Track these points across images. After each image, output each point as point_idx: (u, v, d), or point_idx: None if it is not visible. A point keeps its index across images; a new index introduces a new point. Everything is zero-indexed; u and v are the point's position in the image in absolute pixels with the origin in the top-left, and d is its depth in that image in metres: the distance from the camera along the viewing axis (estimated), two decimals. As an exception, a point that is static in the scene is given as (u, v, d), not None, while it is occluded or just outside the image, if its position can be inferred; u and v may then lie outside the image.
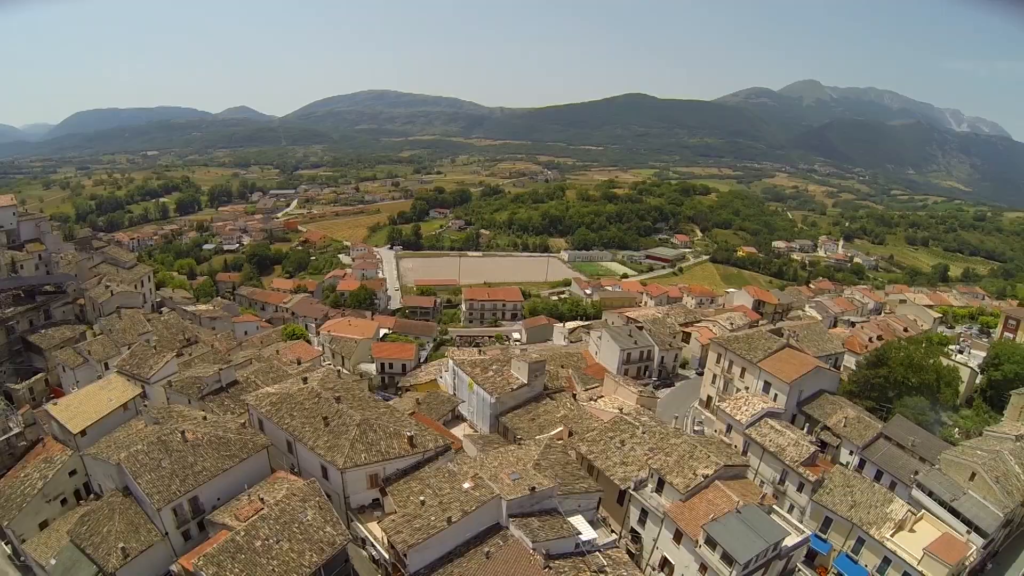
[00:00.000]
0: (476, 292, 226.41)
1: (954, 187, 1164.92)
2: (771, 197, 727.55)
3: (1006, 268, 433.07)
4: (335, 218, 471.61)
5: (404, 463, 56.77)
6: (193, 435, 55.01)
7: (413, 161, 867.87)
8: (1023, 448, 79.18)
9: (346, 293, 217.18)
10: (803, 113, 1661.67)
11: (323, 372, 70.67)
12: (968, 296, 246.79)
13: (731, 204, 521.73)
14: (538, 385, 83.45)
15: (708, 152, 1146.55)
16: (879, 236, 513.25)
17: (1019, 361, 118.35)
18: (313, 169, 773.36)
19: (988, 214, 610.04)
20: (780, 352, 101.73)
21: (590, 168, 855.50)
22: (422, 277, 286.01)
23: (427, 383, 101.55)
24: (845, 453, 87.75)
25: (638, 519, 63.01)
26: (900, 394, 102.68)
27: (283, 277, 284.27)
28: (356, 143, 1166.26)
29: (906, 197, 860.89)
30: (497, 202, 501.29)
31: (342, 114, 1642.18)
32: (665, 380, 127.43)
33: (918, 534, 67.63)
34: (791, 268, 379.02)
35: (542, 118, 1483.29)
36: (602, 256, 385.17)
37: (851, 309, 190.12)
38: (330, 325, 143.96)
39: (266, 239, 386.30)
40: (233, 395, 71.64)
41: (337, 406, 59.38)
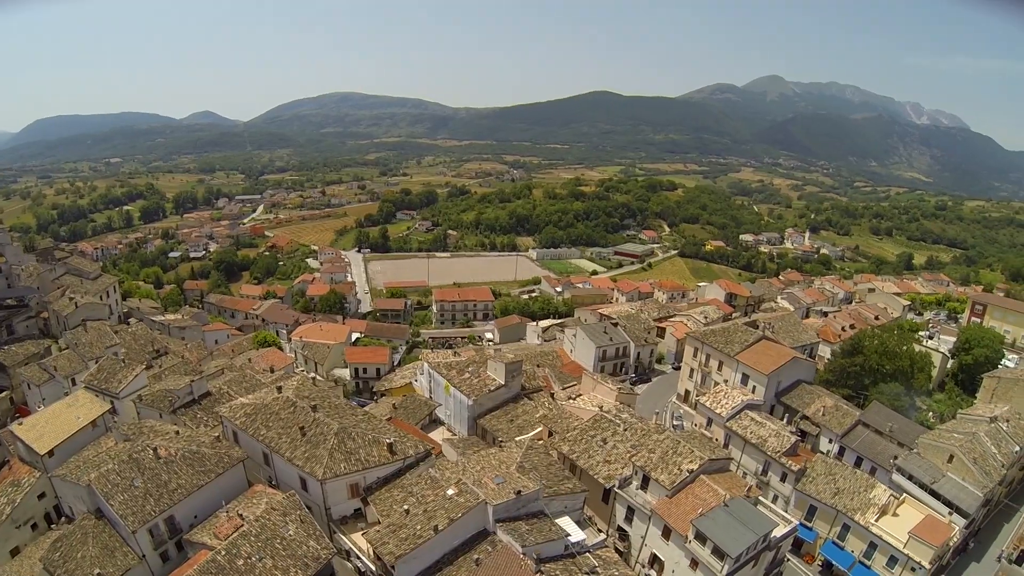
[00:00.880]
0: (446, 293, 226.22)
1: (915, 178, 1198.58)
2: (737, 191, 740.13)
3: (968, 255, 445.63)
4: (302, 222, 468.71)
5: (385, 471, 55.66)
6: (166, 451, 53.28)
7: (379, 163, 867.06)
8: (998, 429, 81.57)
9: (316, 298, 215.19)
10: (767, 108, 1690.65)
11: (297, 380, 69.23)
12: (934, 283, 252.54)
13: (698, 199, 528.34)
14: (515, 386, 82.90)
15: (674, 148, 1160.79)
16: (844, 227, 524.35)
17: (988, 345, 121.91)
18: (279, 174, 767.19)
19: (949, 203, 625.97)
20: (757, 344, 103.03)
21: (556, 166, 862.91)
22: (391, 279, 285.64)
23: (402, 387, 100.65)
24: (824, 441, 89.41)
25: (624, 517, 62.87)
26: (875, 381, 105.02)
27: (252, 283, 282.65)
28: (322, 146, 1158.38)
29: (869, 188, 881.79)
30: (464, 202, 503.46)
31: (308, 117, 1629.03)
32: (642, 376, 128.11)
33: (901, 518, 69.11)
34: (759, 261, 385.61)
35: (508, 117, 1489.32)
36: (571, 254, 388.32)
37: (822, 299, 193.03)
38: (302, 331, 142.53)
39: (233, 245, 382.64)
40: (206, 407, 69.67)
41: (314, 415, 58.00)
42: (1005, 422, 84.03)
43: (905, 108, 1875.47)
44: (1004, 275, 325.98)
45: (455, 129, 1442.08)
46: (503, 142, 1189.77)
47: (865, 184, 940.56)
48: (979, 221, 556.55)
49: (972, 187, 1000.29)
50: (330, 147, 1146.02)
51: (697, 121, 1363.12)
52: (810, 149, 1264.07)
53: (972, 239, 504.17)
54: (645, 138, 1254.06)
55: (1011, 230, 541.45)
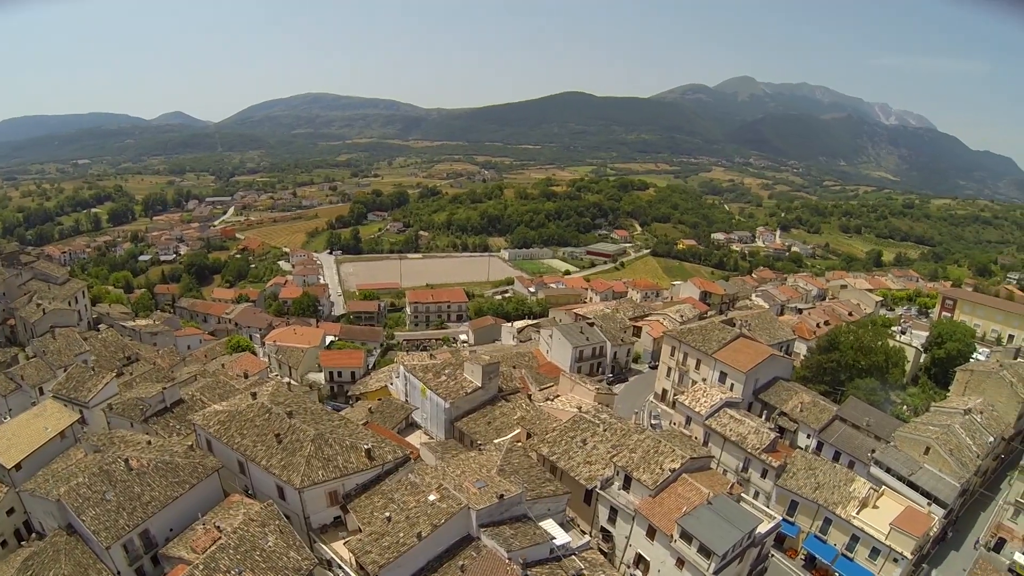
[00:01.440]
0: (420, 295, 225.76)
1: (883, 177, 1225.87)
2: (708, 191, 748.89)
3: (935, 252, 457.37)
4: (273, 224, 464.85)
5: (364, 477, 54.82)
6: (138, 462, 51.85)
7: (351, 165, 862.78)
8: (972, 421, 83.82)
9: (289, 301, 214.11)
10: (738, 108, 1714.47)
11: (272, 386, 67.92)
12: (904, 279, 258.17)
13: (669, 198, 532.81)
14: (492, 388, 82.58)
15: (645, 148, 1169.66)
16: (814, 225, 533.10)
17: (961, 339, 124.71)
18: (250, 175, 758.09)
19: (916, 201, 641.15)
20: (734, 342, 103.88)
21: (528, 167, 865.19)
22: (364, 281, 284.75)
23: (378, 390, 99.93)
24: (803, 437, 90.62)
25: (608, 518, 62.95)
26: (851, 377, 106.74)
27: (223, 287, 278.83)
28: (293, 148, 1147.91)
29: (838, 187, 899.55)
30: (435, 203, 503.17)
31: (279, 118, 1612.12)
32: (619, 375, 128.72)
33: (881, 510, 70.43)
34: (732, 259, 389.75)
35: (479, 118, 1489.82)
36: (543, 254, 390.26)
37: (796, 296, 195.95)
38: (275, 335, 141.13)
39: (204, 248, 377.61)
40: (179, 415, 68.11)
41: (289, 421, 56.84)
42: (979, 414, 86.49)
43: (874, 109, 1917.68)
44: (971, 271, 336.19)
45: (427, 130, 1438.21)
46: (475, 143, 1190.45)
47: (834, 183, 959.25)
48: (945, 219, 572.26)
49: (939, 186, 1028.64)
50: (301, 148, 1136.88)
51: (669, 121, 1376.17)
52: (781, 149, 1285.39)
53: (939, 236, 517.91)
54: (617, 138, 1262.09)
55: (976, 227, 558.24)
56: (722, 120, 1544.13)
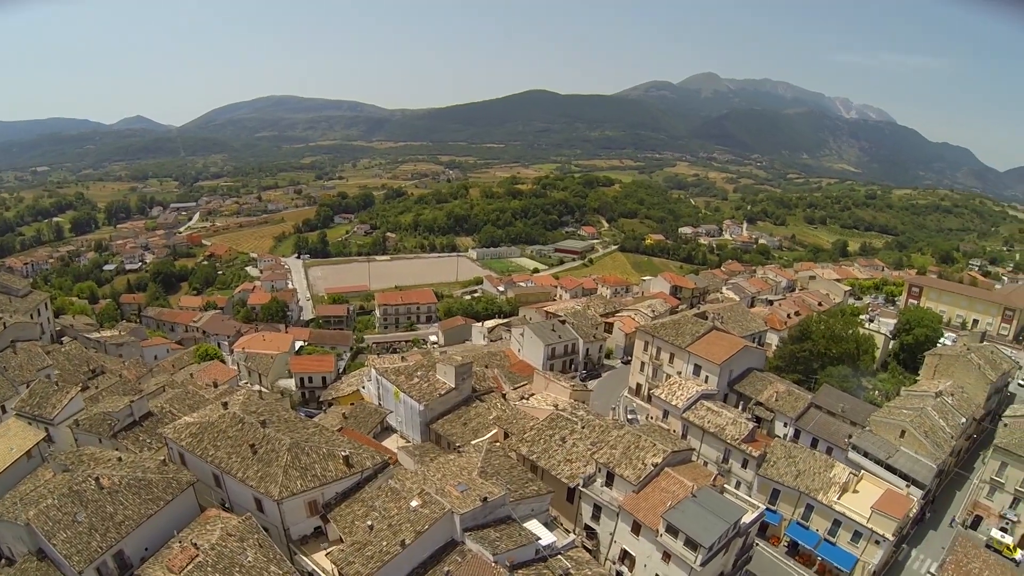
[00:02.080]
0: (389, 297, 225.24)
1: (845, 169, 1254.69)
2: (674, 185, 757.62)
3: (899, 241, 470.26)
4: (239, 229, 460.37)
5: (343, 485, 53.96)
6: (109, 480, 49.95)
7: (315, 167, 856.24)
8: (944, 403, 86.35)
9: (257, 307, 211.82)
10: (702, 104, 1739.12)
11: (244, 394, 66.49)
12: (870, 268, 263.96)
13: (635, 194, 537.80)
14: (466, 388, 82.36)
15: (609, 145, 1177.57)
16: (780, 217, 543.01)
17: (928, 325, 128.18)
18: (214, 180, 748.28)
19: (878, 192, 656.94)
20: (708, 335, 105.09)
21: (492, 166, 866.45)
22: (332, 285, 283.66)
23: (350, 395, 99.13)
24: (780, 426, 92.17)
25: (591, 515, 62.96)
26: (824, 365, 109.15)
27: (190, 294, 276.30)
28: (257, 151, 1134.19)
29: (802, 180, 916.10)
30: (401, 204, 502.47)
31: (242, 121, 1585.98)
32: (592, 372, 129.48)
33: (861, 494, 71.98)
34: (700, 252, 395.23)
35: (443, 118, 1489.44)
36: (511, 252, 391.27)
37: (766, 288, 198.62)
38: (244, 342, 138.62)
39: (170, 255, 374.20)
40: (149, 428, 66.16)
41: (264, 431, 55.68)
42: (950, 396, 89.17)
43: (835, 103, 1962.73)
44: (934, 259, 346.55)
45: (391, 131, 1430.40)
46: (439, 143, 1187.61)
47: (798, 176, 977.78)
48: (907, 208, 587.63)
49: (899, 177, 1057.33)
50: (265, 152, 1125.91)
51: (633, 118, 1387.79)
52: (744, 143, 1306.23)
53: (902, 225, 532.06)
54: (581, 135, 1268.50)
55: (938, 216, 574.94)
56: (686, 116, 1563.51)
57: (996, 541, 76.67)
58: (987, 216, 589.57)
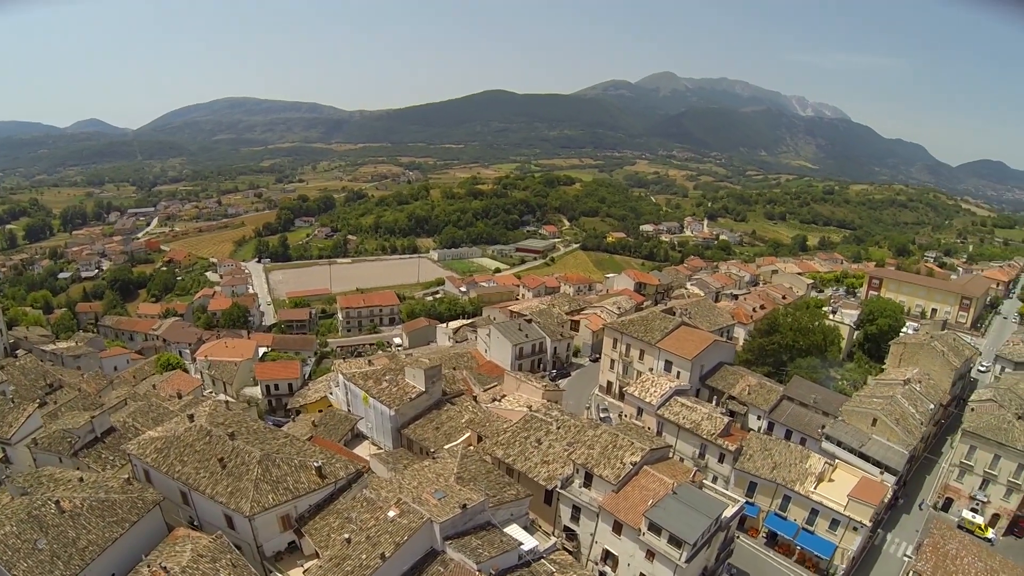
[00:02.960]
0: (351, 300, 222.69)
1: (803, 165, 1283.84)
2: (634, 183, 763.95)
3: (856, 235, 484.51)
4: (199, 234, 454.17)
5: (316, 497, 52.41)
6: (70, 503, 47.22)
7: (275, 170, 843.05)
8: (912, 390, 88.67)
9: (218, 313, 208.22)
10: (660, 103, 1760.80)
11: (210, 405, 64.02)
12: (830, 262, 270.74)
13: (596, 192, 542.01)
14: (436, 391, 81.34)
15: (568, 144, 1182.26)
16: (740, 214, 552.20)
17: (891, 315, 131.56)
18: (172, 184, 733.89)
19: (836, 188, 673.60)
20: (677, 331, 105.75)
21: (452, 166, 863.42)
22: (294, 289, 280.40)
23: (317, 401, 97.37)
24: (753, 419, 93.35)
25: (571, 516, 62.38)
26: (792, 357, 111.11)
27: (149, 302, 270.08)
28: (216, 154, 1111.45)
29: (760, 177, 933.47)
30: (362, 206, 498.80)
31: (200, 124, 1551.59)
32: (561, 371, 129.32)
33: (837, 483, 73.33)
34: (661, 249, 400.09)
35: (402, 119, 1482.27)
36: (472, 253, 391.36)
37: (730, 283, 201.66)
38: (206, 349, 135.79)
39: (128, 262, 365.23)
40: (111, 445, 63.21)
41: (232, 443, 53.74)
42: (918, 383, 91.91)
43: (791, 101, 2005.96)
44: (891, 251, 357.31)
45: (350, 132, 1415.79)
46: (398, 144, 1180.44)
47: (756, 172, 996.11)
48: (864, 203, 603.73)
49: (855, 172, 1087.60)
50: (224, 155, 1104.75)
51: (592, 117, 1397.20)
52: (703, 141, 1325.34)
53: (859, 220, 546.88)
54: (539, 135, 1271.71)
55: (893, 210, 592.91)
56: (644, 115, 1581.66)
57: (968, 522, 79.15)
58: (941, 210, 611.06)
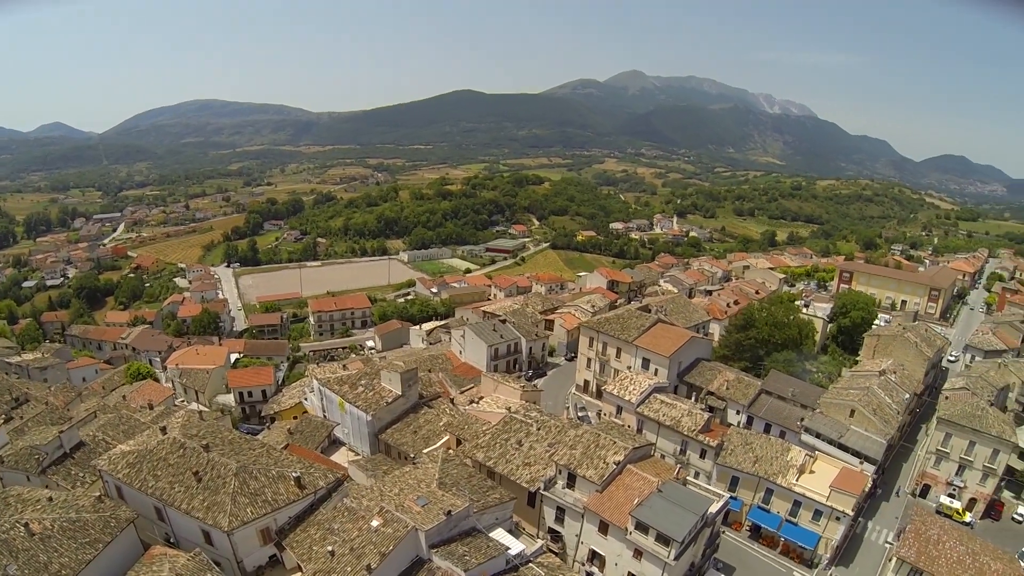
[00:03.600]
0: (323, 303, 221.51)
1: (770, 162, 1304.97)
2: (603, 182, 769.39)
3: (824, 229, 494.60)
4: (167, 239, 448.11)
5: (296, 508, 51.22)
6: (40, 525, 45.05)
7: (243, 173, 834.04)
8: (888, 381, 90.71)
9: (188, 319, 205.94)
10: (628, 101, 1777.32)
11: (182, 416, 62.27)
12: (800, 256, 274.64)
13: (565, 191, 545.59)
14: (413, 395, 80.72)
15: (537, 143, 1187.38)
16: (709, 210, 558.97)
17: (863, 307, 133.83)
18: (139, 189, 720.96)
19: (803, 184, 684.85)
20: (653, 328, 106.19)
21: (420, 167, 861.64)
22: (264, 293, 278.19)
23: (293, 407, 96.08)
24: (732, 414, 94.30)
25: (555, 518, 62.01)
26: (769, 351, 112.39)
27: (117, 309, 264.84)
28: (183, 158, 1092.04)
29: (729, 173, 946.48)
30: (331, 209, 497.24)
31: (166, 127, 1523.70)
32: (538, 371, 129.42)
33: (818, 474, 74.42)
34: (632, 247, 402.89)
35: (370, 120, 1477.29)
36: (442, 253, 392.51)
37: (703, 279, 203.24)
38: (177, 357, 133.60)
39: (94, 269, 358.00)
40: (81, 461, 61.13)
41: (207, 456, 52.25)
42: (893, 374, 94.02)
43: (758, 99, 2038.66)
44: (858, 245, 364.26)
45: (318, 135, 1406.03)
46: (366, 145, 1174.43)
47: (725, 169, 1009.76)
48: (831, 198, 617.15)
49: (822, 168, 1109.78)
50: (191, 158, 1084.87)
51: (560, 116, 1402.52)
52: (671, 139, 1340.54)
53: (826, 215, 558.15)
54: (508, 134, 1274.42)
55: (860, 205, 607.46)
56: (613, 113, 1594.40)
57: (946, 507, 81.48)
58: (906, 204, 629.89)
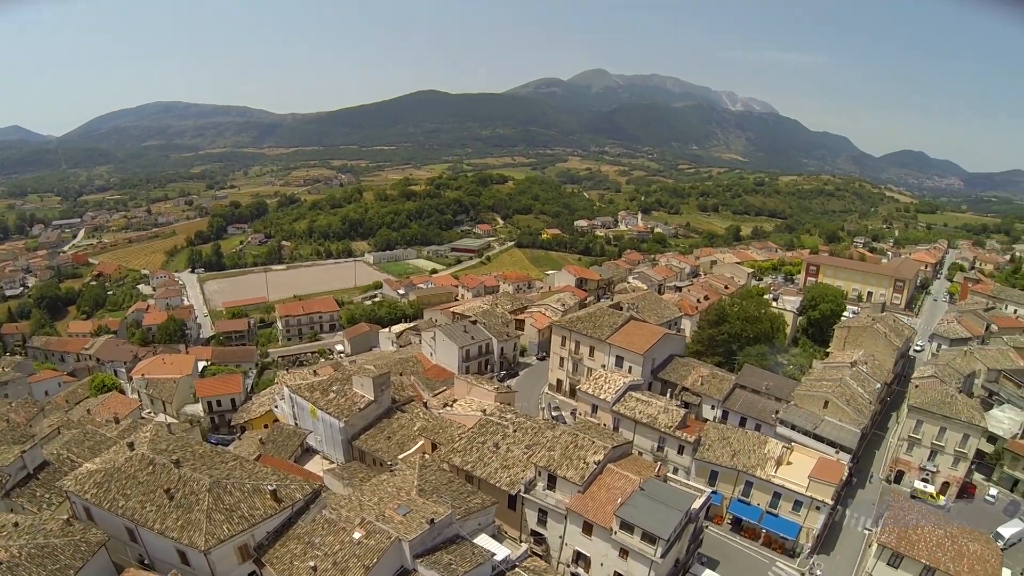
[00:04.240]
0: (290, 307, 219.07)
1: (733, 158, 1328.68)
2: (567, 180, 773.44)
3: (788, 224, 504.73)
4: (129, 245, 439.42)
5: (274, 523, 49.86)
6: (6, 553, 42.62)
7: (206, 176, 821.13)
8: (859, 371, 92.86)
9: (153, 327, 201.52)
10: (592, 100, 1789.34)
11: (151, 430, 59.93)
12: (765, 251, 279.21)
13: (529, 190, 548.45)
14: (386, 400, 79.86)
15: (501, 143, 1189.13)
16: (674, 206, 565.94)
17: (833, 300, 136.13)
18: (100, 193, 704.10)
19: (766, 179, 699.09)
20: (626, 326, 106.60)
21: (384, 168, 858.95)
22: (230, 299, 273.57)
23: (263, 416, 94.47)
24: (707, 409, 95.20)
25: (537, 520, 61.61)
26: (742, 346, 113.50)
27: (80, 319, 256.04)
28: (144, 161, 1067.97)
29: (692, 170, 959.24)
30: (295, 211, 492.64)
31: (127, 130, 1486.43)
32: (510, 371, 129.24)
33: (795, 465, 75.29)
34: (597, 244, 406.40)
35: (333, 122, 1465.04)
36: (407, 254, 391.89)
37: (671, 275, 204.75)
38: (143, 367, 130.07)
39: (54, 277, 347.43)
40: (46, 481, 58.49)
41: (178, 471, 50.45)
42: (864, 364, 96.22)
43: (721, 97, 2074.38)
44: (821, 239, 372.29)
45: (281, 136, 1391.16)
46: (330, 147, 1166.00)
47: (688, 166, 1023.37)
48: (793, 193, 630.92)
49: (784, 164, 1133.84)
50: (153, 161, 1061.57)
51: (524, 115, 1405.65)
52: (635, 137, 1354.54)
53: (789, 209, 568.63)
54: (472, 134, 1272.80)
55: (822, 199, 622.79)
56: (577, 112, 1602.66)
57: (920, 491, 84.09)
58: (866, 198, 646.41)
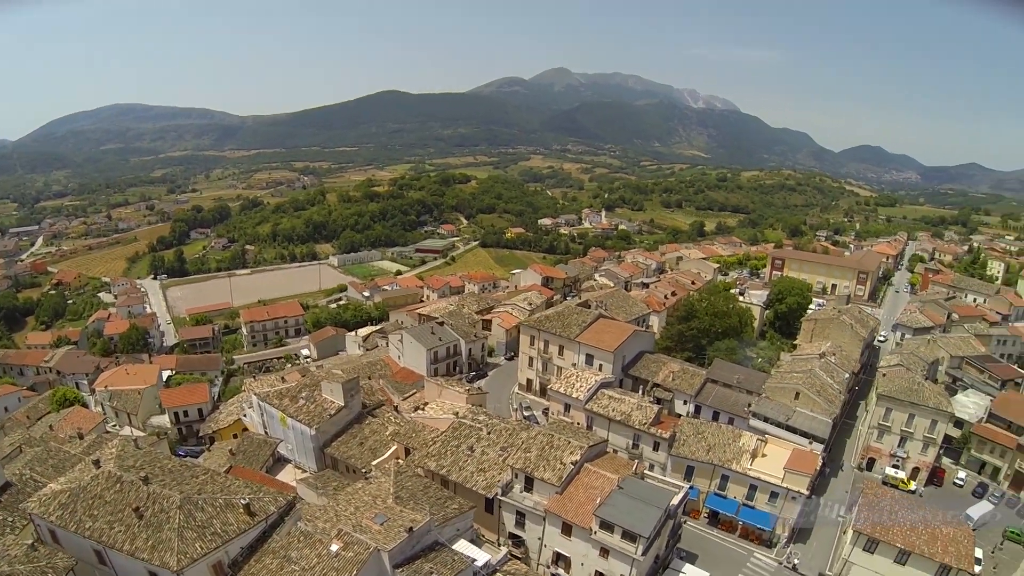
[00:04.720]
0: (254, 312, 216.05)
1: (696, 155, 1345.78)
2: (529, 179, 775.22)
3: (751, 218, 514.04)
4: (89, 252, 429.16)
5: (248, 538, 48.49)
6: None
7: (167, 180, 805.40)
8: (828, 363, 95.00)
9: (115, 337, 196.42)
10: (554, 98, 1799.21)
11: (117, 446, 57.64)
12: (730, 246, 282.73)
13: (492, 189, 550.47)
14: (356, 405, 79.14)
15: (463, 142, 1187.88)
16: (637, 203, 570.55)
17: (798, 293, 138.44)
18: (58, 199, 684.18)
19: (728, 175, 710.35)
20: (595, 324, 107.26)
21: (347, 169, 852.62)
22: (194, 305, 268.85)
23: (232, 425, 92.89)
24: (680, 404, 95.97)
25: (515, 523, 61.30)
26: (711, 341, 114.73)
27: (39, 330, 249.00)
28: (103, 165, 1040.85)
29: (655, 167, 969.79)
30: (258, 215, 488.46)
31: (85, 133, 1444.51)
32: (479, 372, 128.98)
33: (770, 457, 76.47)
34: (561, 242, 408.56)
35: (295, 123, 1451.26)
36: (372, 256, 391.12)
37: (637, 272, 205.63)
38: (105, 378, 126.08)
39: (12, 287, 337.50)
40: (8, 504, 55.35)
41: (147, 489, 48.69)
42: (832, 356, 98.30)
43: (683, 94, 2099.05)
44: (784, 233, 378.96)
45: (243, 139, 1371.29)
46: (292, 149, 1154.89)
47: (651, 163, 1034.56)
48: (756, 188, 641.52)
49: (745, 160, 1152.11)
50: (112, 165, 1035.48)
51: (486, 114, 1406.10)
52: (597, 134, 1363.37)
53: (752, 204, 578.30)
54: (434, 134, 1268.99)
55: (783, 194, 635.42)
56: (539, 110, 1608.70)
57: (891, 477, 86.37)
58: (827, 192, 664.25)
